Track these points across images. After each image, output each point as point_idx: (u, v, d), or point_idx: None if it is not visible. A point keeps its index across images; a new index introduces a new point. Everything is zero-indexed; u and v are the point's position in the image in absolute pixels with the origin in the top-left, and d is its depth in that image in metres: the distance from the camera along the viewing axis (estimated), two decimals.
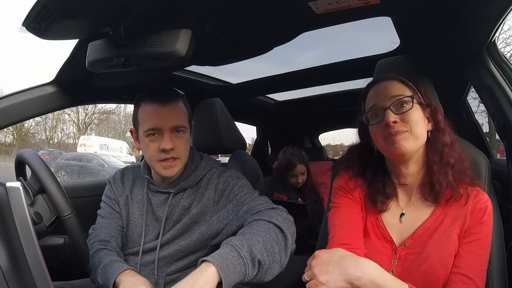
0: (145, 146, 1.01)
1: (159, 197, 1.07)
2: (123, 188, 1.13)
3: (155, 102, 0.99)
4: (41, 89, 1.13)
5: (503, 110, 0.95)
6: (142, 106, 1.01)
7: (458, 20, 0.92)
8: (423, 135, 0.83)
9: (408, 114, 0.81)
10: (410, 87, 0.85)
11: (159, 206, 1.06)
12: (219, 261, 0.73)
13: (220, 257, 0.74)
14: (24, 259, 0.69)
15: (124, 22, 0.74)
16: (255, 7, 0.87)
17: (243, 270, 0.75)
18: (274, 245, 0.82)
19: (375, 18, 0.97)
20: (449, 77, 1.40)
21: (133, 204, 1.10)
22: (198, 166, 1.08)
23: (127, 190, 1.12)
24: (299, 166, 2.05)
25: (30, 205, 0.89)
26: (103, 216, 1.11)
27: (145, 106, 1.00)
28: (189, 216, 1.02)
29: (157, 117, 0.98)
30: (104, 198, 1.15)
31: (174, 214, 1.03)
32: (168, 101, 0.99)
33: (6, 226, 0.73)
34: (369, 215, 0.88)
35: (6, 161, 14.39)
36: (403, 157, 0.83)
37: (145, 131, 0.99)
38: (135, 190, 1.11)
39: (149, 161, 1.03)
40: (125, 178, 1.15)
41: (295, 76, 1.67)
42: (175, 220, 1.03)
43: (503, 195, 1.02)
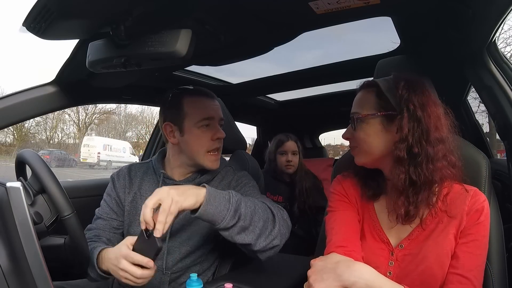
0: (195, 137, 1.04)
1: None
2: (131, 185, 1.12)
3: (202, 95, 1.06)
4: (41, 89, 1.12)
5: (503, 110, 0.95)
6: (188, 98, 1.05)
7: (459, 20, 0.92)
8: (377, 149, 0.82)
9: (356, 132, 0.84)
10: (380, 97, 0.81)
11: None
12: (212, 191, 0.84)
13: (214, 190, 0.85)
14: (25, 259, 0.70)
15: (124, 22, 0.74)
16: (255, 7, 0.87)
17: (224, 213, 0.84)
18: (260, 221, 0.88)
19: (375, 18, 0.97)
20: (449, 77, 1.40)
21: (142, 200, 1.07)
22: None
23: (135, 187, 1.11)
24: (289, 142, 2.04)
25: (30, 205, 0.89)
26: (99, 216, 1.11)
27: (192, 99, 1.05)
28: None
29: (209, 108, 1.04)
30: (105, 196, 1.15)
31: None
32: (211, 95, 1.09)
33: (6, 226, 0.73)
34: (366, 217, 0.88)
35: (6, 161, 14.39)
36: (366, 166, 0.86)
37: (198, 121, 1.03)
38: (145, 186, 1.11)
39: (197, 152, 1.04)
40: (133, 175, 1.14)
41: (295, 76, 1.67)
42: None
43: (503, 195, 1.02)
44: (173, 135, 1.07)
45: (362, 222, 0.88)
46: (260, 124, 2.62)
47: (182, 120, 1.04)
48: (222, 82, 1.83)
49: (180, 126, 1.05)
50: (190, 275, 0.84)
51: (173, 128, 1.07)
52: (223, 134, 1.06)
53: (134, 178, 1.14)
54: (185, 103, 1.05)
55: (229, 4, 0.83)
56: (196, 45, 0.76)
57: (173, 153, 1.10)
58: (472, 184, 0.82)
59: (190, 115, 1.04)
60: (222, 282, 0.92)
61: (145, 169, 1.15)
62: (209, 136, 1.03)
